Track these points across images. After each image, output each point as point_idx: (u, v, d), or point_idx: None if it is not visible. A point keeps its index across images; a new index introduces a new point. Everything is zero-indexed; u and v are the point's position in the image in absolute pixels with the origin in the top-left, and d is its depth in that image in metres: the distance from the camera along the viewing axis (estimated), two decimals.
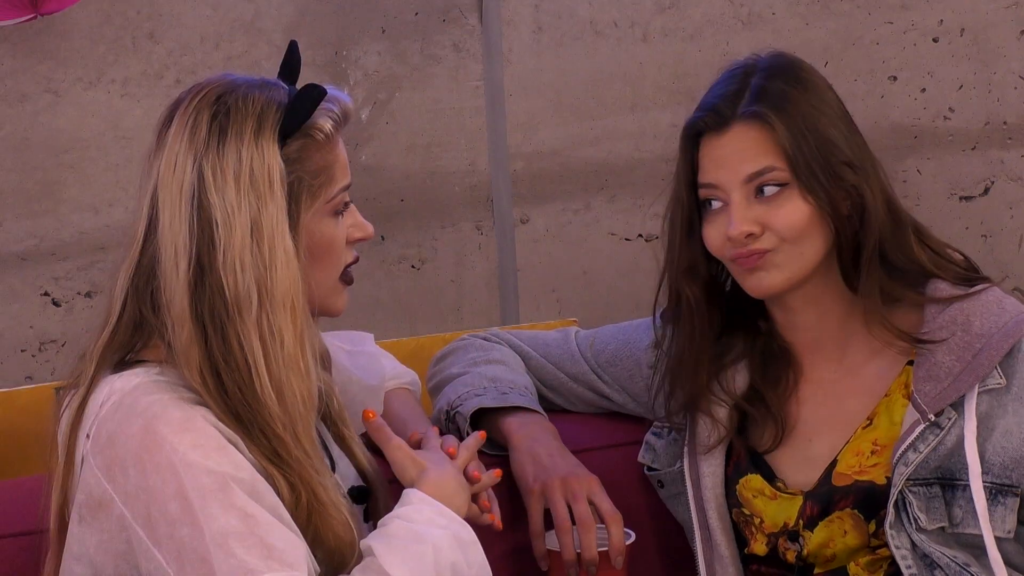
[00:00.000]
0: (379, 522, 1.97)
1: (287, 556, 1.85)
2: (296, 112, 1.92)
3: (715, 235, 2.18)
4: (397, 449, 2.06)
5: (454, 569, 1.93)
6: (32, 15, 3.05)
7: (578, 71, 3.54)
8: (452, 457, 2.08)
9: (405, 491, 2.00)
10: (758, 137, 2.14)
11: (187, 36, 3.26)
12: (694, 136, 2.19)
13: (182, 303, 1.88)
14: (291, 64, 2.01)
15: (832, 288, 2.20)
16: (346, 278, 2.02)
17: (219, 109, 1.91)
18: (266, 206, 1.89)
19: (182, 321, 1.88)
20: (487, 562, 1.99)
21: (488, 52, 3.39)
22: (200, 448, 1.85)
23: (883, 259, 2.16)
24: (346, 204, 2.00)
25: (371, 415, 2.08)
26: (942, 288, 2.18)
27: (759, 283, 2.17)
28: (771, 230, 2.14)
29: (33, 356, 3.23)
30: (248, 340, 1.88)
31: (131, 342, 1.95)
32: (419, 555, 1.92)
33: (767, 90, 2.15)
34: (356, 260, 2.02)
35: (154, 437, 1.85)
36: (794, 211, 2.14)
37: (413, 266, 3.47)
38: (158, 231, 1.90)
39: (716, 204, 2.17)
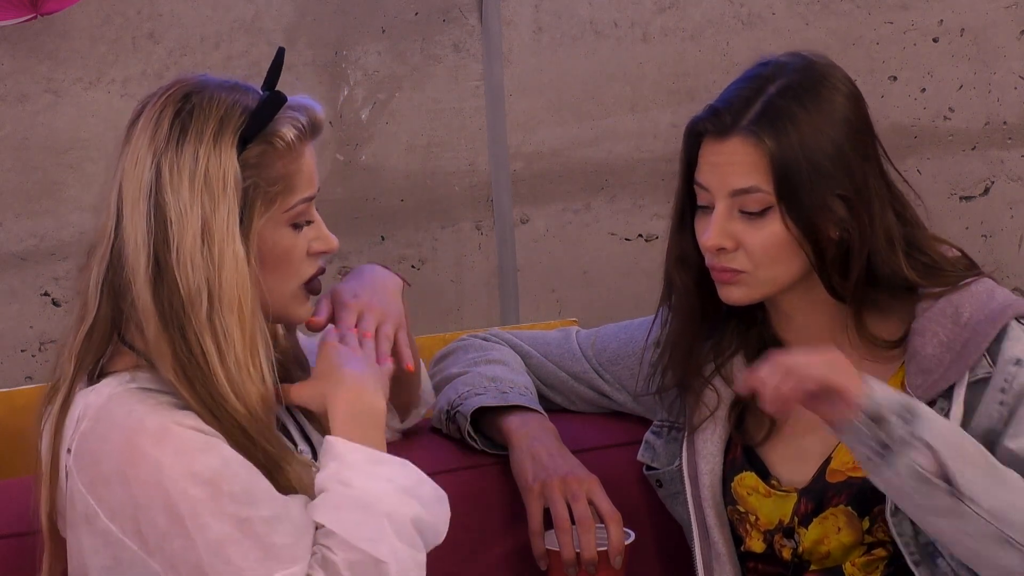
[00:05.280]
0: (316, 483, 1.91)
1: (287, 552, 1.85)
2: (257, 118, 1.92)
3: (699, 234, 2.19)
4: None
5: (417, 524, 1.90)
6: (32, 15, 3.05)
7: (578, 71, 3.54)
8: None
9: (327, 440, 1.94)
10: (752, 155, 2.13)
11: (187, 36, 3.26)
12: (696, 134, 2.19)
13: (146, 298, 1.89)
14: (273, 69, 1.99)
15: (819, 297, 2.19)
16: (310, 287, 2.00)
17: (183, 107, 1.91)
18: (218, 208, 1.89)
19: (148, 316, 1.89)
20: (440, 489, 1.95)
21: (488, 52, 3.39)
22: (183, 455, 1.85)
23: (871, 274, 2.16)
24: (308, 219, 1.98)
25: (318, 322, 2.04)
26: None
27: (728, 295, 2.19)
28: (745, 249, 2.15)
29: (33, 356, 3.23)
30: (203, 338, 1.88)
31: (107, 340, 1.95)
32: (377, 528, 1.87)
33: (777, 108, 2.13)
34: (321, 271, 2.01)
35: (135, 451, 1.85)
36: (772, 236, 2.14)
37: (413, 266, 3.47)
38: (122, 226, 1.91)
39: (708, 203, 2.18)
